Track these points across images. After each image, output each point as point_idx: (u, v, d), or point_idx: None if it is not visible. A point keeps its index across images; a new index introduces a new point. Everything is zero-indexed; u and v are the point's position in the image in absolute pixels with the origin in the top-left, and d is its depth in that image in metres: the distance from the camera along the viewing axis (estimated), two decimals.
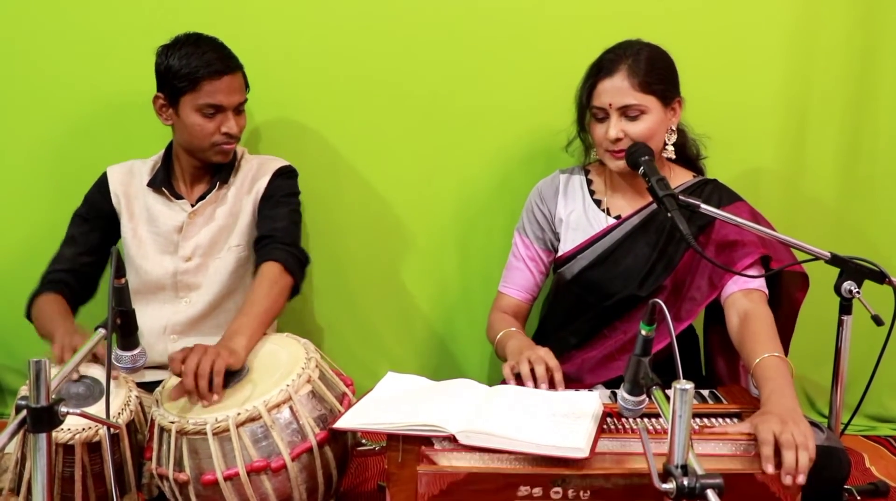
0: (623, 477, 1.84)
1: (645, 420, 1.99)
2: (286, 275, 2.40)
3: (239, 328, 2.20)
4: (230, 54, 2.49)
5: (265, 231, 2.51)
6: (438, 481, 1.85)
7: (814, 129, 2.92)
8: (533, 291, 2.63)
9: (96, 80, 2.85)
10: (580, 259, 2.50)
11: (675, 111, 2.42)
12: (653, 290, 2.42)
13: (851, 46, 2.87)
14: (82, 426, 2.03)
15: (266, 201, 2.58)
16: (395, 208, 2.96)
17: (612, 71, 2.35)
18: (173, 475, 2.02)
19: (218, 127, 2.48)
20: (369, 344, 3.01)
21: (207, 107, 2.45)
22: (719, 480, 1.44)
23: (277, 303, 2.35)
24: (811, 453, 1.82)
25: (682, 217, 2.20)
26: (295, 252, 2.46)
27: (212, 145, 2.50)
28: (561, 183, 2.59)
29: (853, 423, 2.45)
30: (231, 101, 2.48)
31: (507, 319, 2.57)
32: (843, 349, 2.26)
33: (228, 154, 2.55)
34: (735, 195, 2.48)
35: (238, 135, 2.53)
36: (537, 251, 2.59)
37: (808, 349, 2.51)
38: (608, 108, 2.36)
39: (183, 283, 2.58)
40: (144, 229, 2.59)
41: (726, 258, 2.35)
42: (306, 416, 2.04)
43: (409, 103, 2.90)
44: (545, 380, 2.15)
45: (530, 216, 2.60)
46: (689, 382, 1.46)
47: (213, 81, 2.43)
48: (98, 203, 2.61)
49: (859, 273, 2.20)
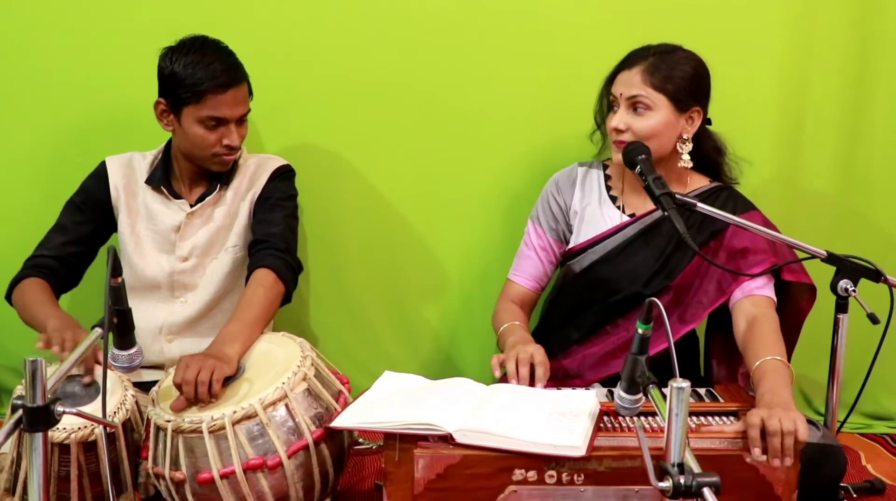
0: (616, 460, 1.88)
1: (642, 419, 1.99)
2: (279, 283, 2.38)
3: (232, 333, 2.20)
4: (236, 64, 2.43)
5: (260, 235, 2.48)
6: (435, 464, 1.87)
7: (811, 125, 2.91)
8: (542, 280, 2.62)
9: (95, 78, 2.82)
10: (590, 253, 2.50)
11: (693, 121, 2.40)
12: (658, 290, 2.42)
13: (849, 42, 2.86)
14: (78, 426, 2.03)
15: (262, 203, 2.55)
16: (393, 205, 2.95)
17: (632, 64, 2.37)
18: (170, 474, 2.03)
19: (220, 139, 2.43)
20: (366, 343, 2.99)
21: (210, 119, 2.40)
22: (716, 478, 1.43)
23: (269, 311, 2.34)
24: (801, 436, 1.86)
25: (680, 217, 2.20)
26: (289, 260, 2.43)
27: (212, 156, 2.47)
28: (579, 175, 2.59)
29: (849, 421, 2.46)
30: (235, 113, 2.43)
31: (512, 309, 2.56)
32: (840, 348, 2.26)
33: (228, 164, 2.52)
34: (749, 204, 2.48)
35: (239, 146, 2.49)
36: (549, 241, 2.58)
37: (804, 348, 2.50)
38: (619, 97, 2.37)
39: (179, 283, 2.55)
40: (143, 226, 2.56)
41: (736, 267, 2.35)
42: (302, 414, 2.03)
43: (407, 102, 2.88)
44: (526, 380, 2.16)
45: (545, 206, 2.60)
46: (686, 380, 1.45)
47: (218, 94, 2.37)
48: (96, 194, 2.56)
49: (855, 272, 2.21)
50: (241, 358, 2.18)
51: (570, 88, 2.80)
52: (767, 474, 1.91)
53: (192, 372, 2.03)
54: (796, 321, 2.46)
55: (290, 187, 2.62)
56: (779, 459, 1.87)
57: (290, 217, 2.55)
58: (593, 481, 1.89)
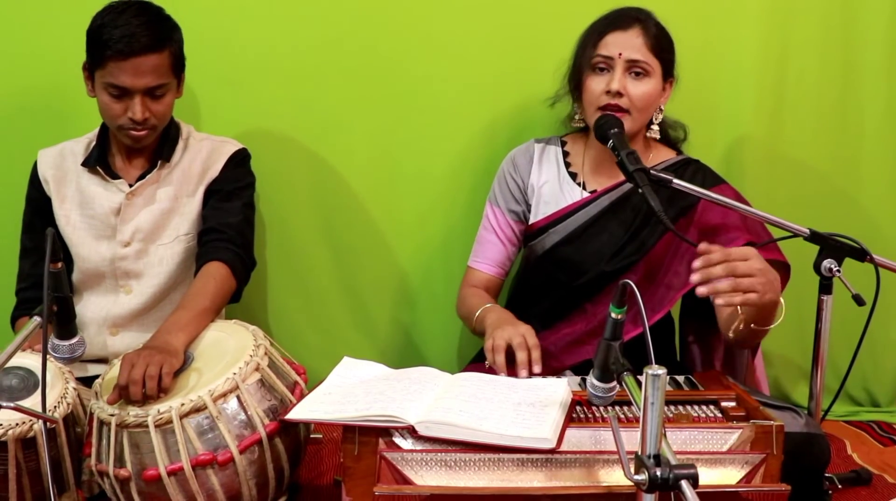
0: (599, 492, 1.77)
1: (616, 408, 1.96)
2: (231, 279, 2.32)
3: (178, 322, 2.14)
4: (153, 31, 2.28)
5: (214, 223, 2.39)
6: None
7: (792, 92, 2.85)
8: (505, 265, 2.58)
9: (26, 60, 2.71)
10: (552, 234, 2.46)
11: (667, 91, 2.41)
12: (625, 266, 2.38)
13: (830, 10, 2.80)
14: (15, 421, 1.97)
15: (217, 190, 2.46)
16: (349, 185, 2.86)
17: (626, 26, 2.35)
18: (114, 471, 1.97)
19: (124, 110, 2.31)
20: (323, 331, 2.92)
21: (111, 87, 2.28)
22: (694, 470, 1.40)
23: (218, 304, 2.28)
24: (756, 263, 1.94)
25: (654, 194, 2.15)
26: (244, 256, 2.37)
27: (119, 128, 2.36)
28: (536, 152, 2.54)
29: (834, 408, 2.42)
30: (136, 84, 2.28)
31: (480, 293, 2.52)
32: (824, 331, 2.22)
33: (139, 140, 2.39)
34: (719, 178, 2.46)
35: (147, 122, 2.35)
36: (509, 223, 2.54)
37: (785, 332, 2.46)
38: (616, 58, 2.32)
39: (121, 270, 2.45)
40: (77, 213, 2.46)
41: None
42: (255, 406, 1.99)
43: (361, 78, 2.79)
44: (525, 367, 2.13)
45: (503, 185, 2.55)
46: (662, 367, 1.42)
47: (119, 61, 2.25)
48: (35, 199, 2.49)
49: (840, 251, 2.16)
50: (189, 347, 2.12)
51: (533, 56, 2.75)
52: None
53: (138, 371, 1.95)
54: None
55: (248, 173, 2.54)
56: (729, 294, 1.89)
57: (247, 207, 2.48)
58: None
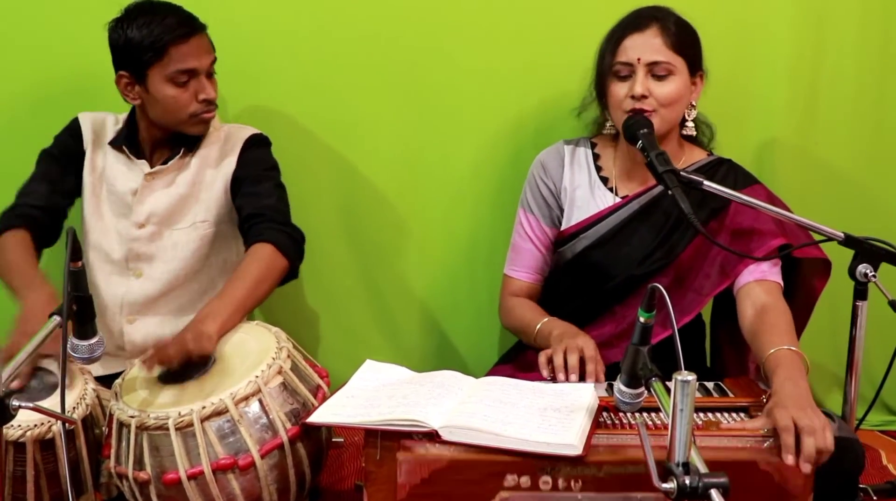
0: (617, 466, 1.80)
1: (644, 415, 1.93)
2: (279, 257, 2.29)
3: (213, 311, 2.12)
4: (191, 14, 2.36)
5: (252, 209, 2.39)
6: (419, 469, 1.81)
7: (826, 93, 2.79)
8: (543, 270, 2.54)
9: (54, 43, 2.71)
10: (582, 239, 2.42)
11: (697, 86, 2.37)
12: (652, 270, 2.34)
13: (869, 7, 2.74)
14: (34, 422, 1.95)
15: (244, 177, 2.46)
16: (373, 184, 2.84)
17: (643, 27, 2.31)
18: (133, 474, 1.96)
19: (194, 95, 2.36)
20: (346, 332, 2.90)
21: (180, 74, 2.32)
22: (724, 479, 1.38)
23: (261, 288, 2.24)
24: (829, 442, 1.78)
25: (685, 196, 2.12)
26: (289, 231, 2.35)
27: (191, 116, 2.39)
28: (566, 154, 2.50)
29: (868, 418, 2.39)
30: (203, 63, 2.36)
31: (530, 304, 2.49)
32: (858, 338, 2.19)
33: (208, 124, 2.44)
34: (752, 178, 2.41)
35: (215, 99, 2.42)
36: (544, 229, 2.50)
37: (820, 338, 2.42)
38: (636, 63, 2.29)
39: (133, 252, 2.45)
40: (103, 187, 2.49)
41: (742, 247, 2.27)
42: (277, 410, 1.97)
43: (385, 76, 2.77)
44: (575, 371, 2.10)
45: (534, 191, 2.51)
46: (692, 373, 1.40)
47: (181, 45, 2.31)
48: (70, 148, 2.49)
49: (875, 255, 2.14)
50: (221, 337, 2.11)
51: (559, 52, 2.71)
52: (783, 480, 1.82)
53: (172, 350, 2.01)
54: (808, 301, 2.39)
55: (270, 157, 2.54)
56: (810, 464, 1.77)
57: (278, 187, 2.48)
58: (592, 487, 1.79)
